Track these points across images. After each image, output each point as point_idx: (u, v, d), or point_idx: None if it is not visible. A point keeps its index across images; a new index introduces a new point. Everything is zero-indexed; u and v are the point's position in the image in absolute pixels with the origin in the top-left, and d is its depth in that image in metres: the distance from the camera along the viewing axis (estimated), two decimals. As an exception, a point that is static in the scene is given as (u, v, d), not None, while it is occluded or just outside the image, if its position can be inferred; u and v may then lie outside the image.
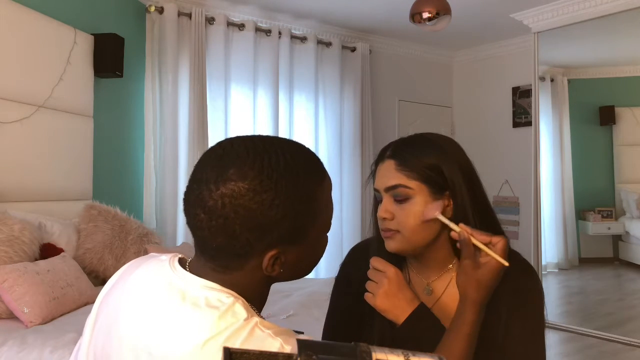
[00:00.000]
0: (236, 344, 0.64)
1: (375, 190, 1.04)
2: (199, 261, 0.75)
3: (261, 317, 0.72)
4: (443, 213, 0.98)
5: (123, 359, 0.70)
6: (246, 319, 0.67)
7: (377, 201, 1.05)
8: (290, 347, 0.65)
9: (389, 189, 1.00)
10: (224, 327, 0.65)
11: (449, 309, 1.02)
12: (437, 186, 0.99)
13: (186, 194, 0.73)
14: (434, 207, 0.96)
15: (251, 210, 0.68)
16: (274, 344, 0.65)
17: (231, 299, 0.69)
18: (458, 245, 0.95)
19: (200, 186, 0.70)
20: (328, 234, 0.83)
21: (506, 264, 0.89)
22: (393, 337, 0.99)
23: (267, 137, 0.75)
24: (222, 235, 0.69)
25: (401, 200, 0.99)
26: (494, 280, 0.91)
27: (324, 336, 1.16)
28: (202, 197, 0.70)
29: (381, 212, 1.01)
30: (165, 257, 0.77)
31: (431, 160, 0.99)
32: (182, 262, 0.77)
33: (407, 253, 1.03)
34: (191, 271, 0.74)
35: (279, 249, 0.71)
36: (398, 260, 1.07)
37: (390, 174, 1.00)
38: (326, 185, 0.77)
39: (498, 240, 0.91)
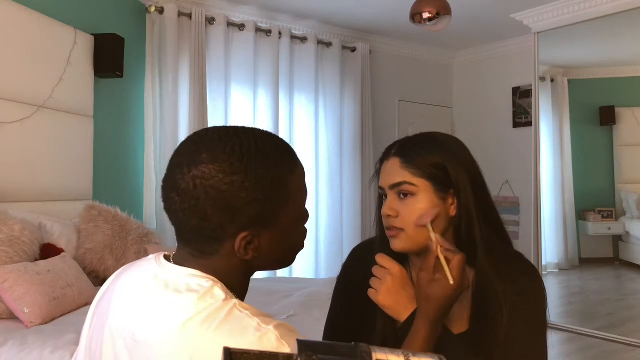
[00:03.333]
0: (214, 323, 0.66)
1: (380, 188, 1.04)
2: (179, 250, 0.79)
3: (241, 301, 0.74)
4: (446, 212, 0.99)
5: (114, 348, 0.73)
6: (224, 299, 0.69)
7: (381, 199, 1.05)
8: (267, 327, 0.67)
9: (393, 186, 1.00)
10: (202, 308, 0.67)
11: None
12: (442, 184, 0.99)
13: (163, 179, 0.77)
14: (428, 214, 0.96)
15: (221, 192, 0.71)
16: (251, 323, 0.67)
17: (210, 282, 0.71)
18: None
19: (175, 170, 0.74)
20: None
21: (451, 280, 0.87)
22: (395, 337, 0.99)
23: (242, 126, 0.78)
24: (195, 216, 0.72)
25: (405, 197, 0.99)
26: (445, 298, 0.88)
27: (325, 335, 1.16)
28: (176, 179, 0.73)
29: (385, 209, 1.01)
30: (151, 256, 0.81)
31: (436, 158, 0.99)
32: (167, 257, 0.80)
33: (412, 251, 1.03)
34: (175, 262, 0.77)
35: (250, 232, 0.73)
36: (400, 259, 1.08)
37: (395, 171, 1.00)
38: (298, 173, 0.79)
39: (453, 256, 0.89)
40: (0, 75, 2.80)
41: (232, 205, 0.71)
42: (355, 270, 1.13)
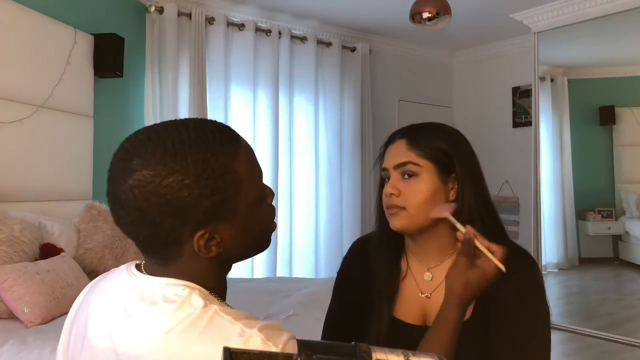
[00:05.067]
0: (195, 333, 0.64)
1: (383, 169, 1.06)
2: (147, 260, 0.75)
3: (223, 303, 0.72)
4: (447, 196, 1.02)
5: None
6: (204, 307, 0.66)
7: (383, 183, 1.07)
8: (251, 331, 0.64)
9: (398, 166, 1.03)
10: (182, 318, 0.65)
11: None
12: (445, 168, 1.02)
13: (107, 194, 0.72)
14: (445, 207, 0.98)
15: (162, 196, 0.66)
16: (234, 329, 0.64)
17: (187, 290, 0.68)
18: (458, 244, 0.96)
19: (113, 183, 0.70)
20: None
21: (504, 269, 0.90)
22: (391, 328, 1.02)
23: (173, 120, 0.73)
24: (145, 226, 0.68)
25: (409, 177, 1.01)
26: (483, 284, 0.91)
27: (326, 328, 1.17)
28: (116, 193, 0.69)
29: (388, 188, 1.03)
30: (122, 267, 0.78)
31: (441, 144, 1.03)
32: (138, 267, 0.76)
33: (411, 231, 1.04)
34: (147, 272, 0.74)
35: (206, 229, 0.69)
36: (398, 249, 1.09)
37: (401, 152, 1.03)
38: (243, 154, 0.73)
39: (498, 248, 0.91)
40: (0, 75, 2.80)
41: (178, 208, 0.67)
42: (355, 264, 1.16)
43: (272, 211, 0.79)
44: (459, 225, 0.95)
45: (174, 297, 0.68)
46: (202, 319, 0.65)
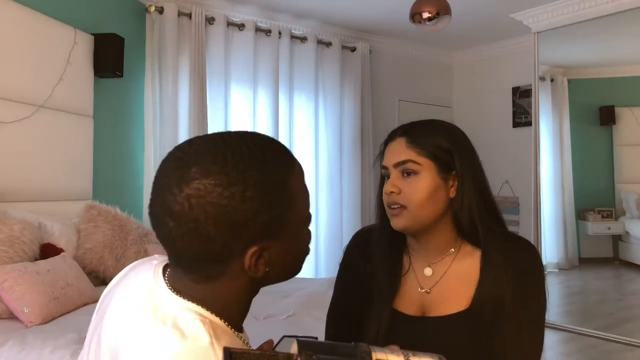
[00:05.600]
0: None
1: (383, 168, 1.07)
2: (175, 273, 0.71)
3: (234, 335, 0.69)
4: (447, 193, 1.02)
5: (101, 357, 0.70)
6: (210, 345, 0.63)
7: (383, 181, 1.08)
8: None
9: (398, 165, 1.03)
10: (184, 351, 0.62)
11: (447, 292, 1.05)
12: (445, 165, 1.02)
13: (151, 205, 0.68)
14: None
15: (222, 207, 0.64)
16: None
17: (198, 321, 0.65)
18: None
19: (164, 193, 0.66)
20: (312, 229, 0.80)
21: None
22: (390, 322, 1.03)
23: (227, 132, 0.72)
24: (197, 241, 0.64)
25: (409, 175, 1.02)
26: None
27: (329, 320, 1.19)
28: (167, 203, 0.65)
29: (388, 187, 1.03)
30: (156, 262, 0.75)
31: (441, 141, 1.03)
32: (165, 269, 0.73)
33: (413, 231, 1.05)
34: (170, 282, 0.70)
35: (259, 246, 0.67)
36: (400, 245, 1.10)
37: (401, 150, 1.04)
38: (297, 171, 0.72)
39: None
40: (0, 75, 2.80)
41: (236, 220, 0.64)
42: (356, 255, 1.17)
43: (310, 236, 0.77)
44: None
45: (184, 324, 0.65)
46: (204, 356, 0.62)
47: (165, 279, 0.71)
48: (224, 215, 0.64)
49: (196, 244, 0.65)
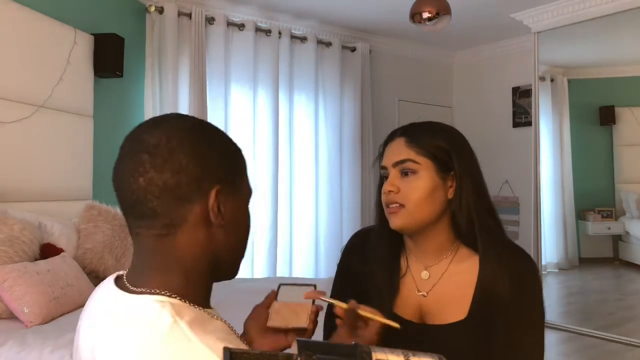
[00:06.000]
0: (158, 349, 0.62)
1: (383, 167, 1.07)
2: (138, 250, 0.74)
3: (206, 308, 0.71)
4: (445, 193, 1.03)
5: None
6: (174, 322, 0.64)
7: (382, 182, 1.08)
8: (220, 349, 0.59)
9: (397, 164, 1.04)
10: (150, 341, 0.63)
11: (444, 298, 1.05)
12: (444, 165, 1.03)
13: (117, 167, 0.73)
14: (318, 293, 0.94)
15: (195, 143, 0.71)
16: (201, 349, 0.62)
17: (156, 305, 0.66)
18: (339, 322, 0.94)
19: (139, 131, 0.72)
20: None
21: (397, 325, 0.89)
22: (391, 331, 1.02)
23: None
24: (168, 171, 0.69)
25: (407, 174, 1.02)
26: None
27: (327, 321, 1.18)
28: (143, 139, 0.70)
29: (387, 186, 1.04)
30: (108, 279, 0.78)
31: (441, 142, 1.04)
32: (118, 279, 0.76)
33: (410, 230, 1.05)
34: (128, 279, 0.73)
35: (222, 186, 0.72)
36: (397, 246, 1.10)
37: (400, 150, 1.04)
38: (244, 165, 0.80)
39: (377, 312, 0.90)
40: (0, 75, 2.80)
41: (207, 157, 0.71)
42: (354, 256, 1.17)
43: (250, 216, 0.80)
44: (338, 303, 0.92)
45: (143, 315, 0.66)
46: (169, 336, 0.63)
47: (118, 284, 0.74)
48: (197, 150, 0.71)
49: (167, 174, 0.69)
